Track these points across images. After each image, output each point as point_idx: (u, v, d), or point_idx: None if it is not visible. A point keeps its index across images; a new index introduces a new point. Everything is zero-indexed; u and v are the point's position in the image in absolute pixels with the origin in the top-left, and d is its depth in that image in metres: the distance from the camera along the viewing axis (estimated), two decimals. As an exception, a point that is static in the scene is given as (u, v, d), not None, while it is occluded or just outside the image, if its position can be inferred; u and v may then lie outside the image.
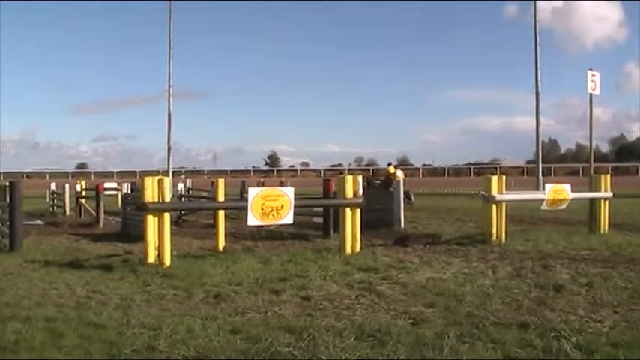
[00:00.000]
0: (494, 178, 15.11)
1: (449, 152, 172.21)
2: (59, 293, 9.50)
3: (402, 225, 19.18)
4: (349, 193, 13.56)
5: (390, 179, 30.73)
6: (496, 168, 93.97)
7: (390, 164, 34.52)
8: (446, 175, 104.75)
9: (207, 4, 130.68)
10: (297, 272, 10.78)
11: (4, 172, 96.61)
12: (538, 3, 42.38)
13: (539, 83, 40.65)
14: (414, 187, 37.30)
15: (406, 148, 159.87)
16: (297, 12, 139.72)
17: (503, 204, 15.16)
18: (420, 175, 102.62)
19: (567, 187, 16.30)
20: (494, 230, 14.83)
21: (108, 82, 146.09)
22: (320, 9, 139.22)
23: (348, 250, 13.21)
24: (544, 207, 16.00)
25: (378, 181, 33.60)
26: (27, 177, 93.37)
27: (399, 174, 31.16)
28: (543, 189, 17.36)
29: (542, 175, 41.20)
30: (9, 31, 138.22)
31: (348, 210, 13.52)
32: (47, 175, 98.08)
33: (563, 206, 16.28)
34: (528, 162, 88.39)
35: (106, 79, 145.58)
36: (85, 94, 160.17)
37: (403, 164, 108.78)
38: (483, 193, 15.27)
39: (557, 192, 16.05)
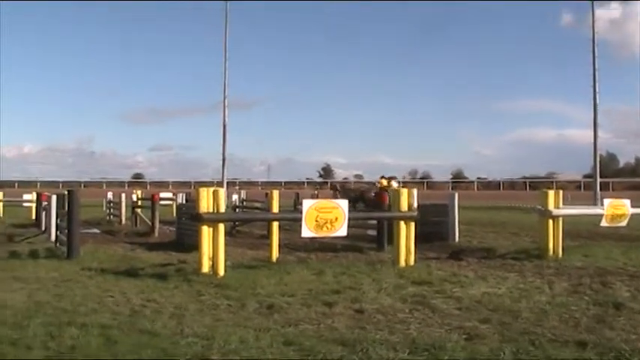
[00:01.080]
0: (551, 193, 14.91)
1: (503, 165, 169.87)
2: (114, 301, 9.62)
3: (457, 238, 19.05)
4: (404, 206, 13.50)
5: (381, 193, 30.63)
6: (552, 182, 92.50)
7: (382, 177, 34.40)
8: (500, 188, 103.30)
9: (262, 15, 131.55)
10: (351, 285, 10.73)
11: (62, 181, 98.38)
12: (596, 12, 41.66)
13: (597, 95, 40.03)
14: (468, 200, 36.94)
15: (460, 160, 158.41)
16: (351, 25, 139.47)
17: (560, 218, 14.94)
18: (475, 189, 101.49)
19: (627, 202, 15.98)
20: (550, 245, 14.62)
21: (164, 93, 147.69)
22: (373, 24, 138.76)
23: (402, 263, 13.14)
24: (604, 223, 15.70)
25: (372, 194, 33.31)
26: (84, 186, 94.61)
27: (395, 184, 31.01)
28: (602, 204, 17.03)
29: (600, 189, 40.50)
30: (67, 41, 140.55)
31: (402, 223, 13.46)
32: (104, 185, 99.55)
33: (624, 222, 15.96)
34: (585, 176, 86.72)
35: (162, 89, 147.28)
36: (142, 104, 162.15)
37: (457, 177, 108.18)
38: (539, 207, 15.07)
39: (617, 207, 15.75)
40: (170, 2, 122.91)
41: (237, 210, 27.05)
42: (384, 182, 32.66)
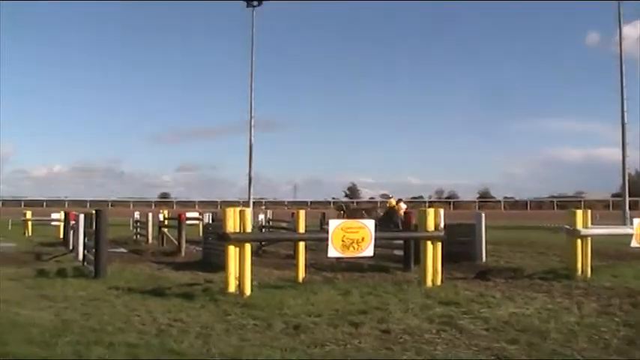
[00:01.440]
0: (579, 212, 14.79)
1: (530, 184, 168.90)
2: (141, 320, 9.66)
3: (484, 258, 18.92)
4: (430, 226, 13.45)
5: (391, 212, 30.60)
6: (580, 201, 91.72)
7: (391, 197, 34.57)
8: (528, 207, 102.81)
9: (290, 37, 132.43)
10: (377, 305, 10.69)
11: (91, 200, 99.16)
12: (623, 30, 41.46)
13: (625, 113, 39.76)
14: (495, 219, 36.64)
15: (487, 179, 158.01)
16: (379, 47, 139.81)
17: (589, 238, 14.81)
18: (502, 208, 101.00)
19: (657, 221, 15.77)
20: (579, 265, 14.50)
21: (191, 113, 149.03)
22: (400, 46, 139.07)
23: (429, 283, 13.08)
24: (634, 243, 15.51)
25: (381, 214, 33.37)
26: (112, 205, 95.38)
27: (403, 206, 31.00)
28: (631, 223, 16.82)
29: (629, 208, 40.12)
30: (98, 67, 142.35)
31: (429, 242, 13.41)
32: (131, 204, 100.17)
33: (654, 242, 15.73)
34: (614, 195, 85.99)
35: (189, 109, 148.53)
36: (169, 124, 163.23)
37: (484, 197, 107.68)
38: (567, 227, 14.95)
39: (647, 227, 15.55)
40: (196, 25, 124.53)
41: (263, 230, 27.12)
42: (393, 202, 32.77)
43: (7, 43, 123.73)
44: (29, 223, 39.00)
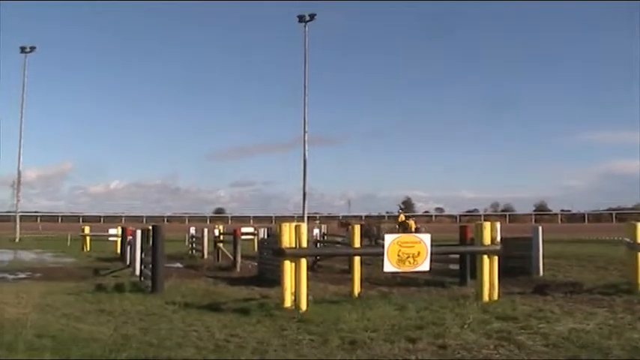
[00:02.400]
0: (640, 225, 14.49)
1: (588, 197, 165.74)
2: (198, 335, 9.73)
3: (541, 272, 18.66)
4: (487, 240, 13.32)
5: (403, 226, 30.55)
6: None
7: (400, 212, 35.01)
8: (585, 220, 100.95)
9: (342, 53, 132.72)
10: (434, 320, 10.61)
11: (147, 216, 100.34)
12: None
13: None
14: (552, 233, 36.09)
15: (543, 192, 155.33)
16: (435, 64, 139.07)
17: (651, 251, 14.49)
18: (559, 221, 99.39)
19: None
20: (640, 280, 14.19)
21: (245, 129, 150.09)
22: (452, 61, 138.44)
23: (486, 297, 12.94)
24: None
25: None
26: (167, 221, 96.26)
27: (412, 222, 31.15)
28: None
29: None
30: (153, 82, 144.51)
31: (485, 257, 13.28)
32: (186, 219, 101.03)
33: None
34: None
35: (243, 126, 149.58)
36: (224, 141, 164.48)
37: (540, 210, 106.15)
38: (628, 240, 14.67)
39: None
40: (251, 42, 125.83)
41: (318, 244, 27.11)
42: (403, 217, 32.99)
43: (66, 62, 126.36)
44: (87, 238, 39.55)
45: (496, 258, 13.43)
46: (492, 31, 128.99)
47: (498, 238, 13.56)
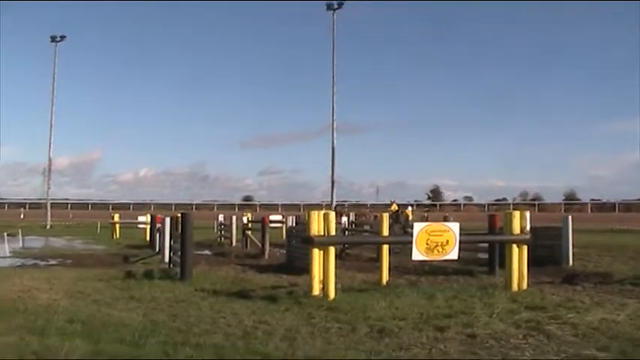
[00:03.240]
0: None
1: (618, 187, 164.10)
2: (227, 322, 9.77)
3: (570, 262, 18.52)
4: (516, 229, 13.24)
5: (395, 215, 30.57)
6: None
7: (392, 202, 35.02)
8: (616, 210, 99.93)
9: (368, 39, 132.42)
10: (462, 309, 10.57)
11: (176, 204, 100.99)
12: None
13: None
14: (582, 222, 35.81)
15: (572, 182, 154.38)
16: (465, 51, 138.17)
17: (682, 242, 14.34)
18: (589, 210, 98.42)
19: None
20: (672, 270, 14.04)
21: (273, 118, 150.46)
22: (482, 49, 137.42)
23: (515, 287, 12.88)
24: None
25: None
26: (196, 208, 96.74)
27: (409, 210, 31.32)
28: None
29: None
30: (182, 71, 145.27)
31: (514, 246, 13.20)
32: (215, 207, 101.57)
33: None
34: None
35: (271, 114, 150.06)
36: (252, 129, 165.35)
37: (570, 199, 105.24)
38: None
39: None
40: (279, 31, 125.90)
41: (346, 233, 27.12)
42: (395, 207, 33.01)
43: (97, 54, 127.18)
44: (117, 226, 39.90)
45: (525, 247, 13.35)
46: (519, 22, 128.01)
47: (528, 228, 13.46)
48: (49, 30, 71.90)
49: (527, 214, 13.70)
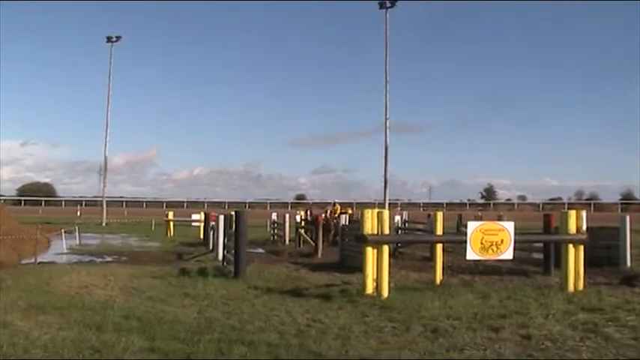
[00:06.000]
0: None
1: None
2: (280, 320, 9.81)
3: (628, 263, 18.16)
4: (572, 229, 13.05)
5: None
6: None
7: (334, 201, 34.96)
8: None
9: (422, 38, 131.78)
10: (517, 309, 10.46)
11: (229, 202, 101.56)
12: None
13: None
14: (637, 222, 34.99)
15: (630, 181, 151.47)
16: (519, 51, 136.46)
17: None
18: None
19: None
20: None
21: (326, 117, 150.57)
22: (543, 49, 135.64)
23: (571, 288, 12.70)
24: None
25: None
26: (249, 207, 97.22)
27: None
28: None
29: None
30: (238, 72, 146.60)
31: (570, 246, 13.01)
32: (268, 205, 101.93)
33: None
34: None
35: (324, 114, 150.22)
36: (305, 128, 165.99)
37: (627, 198, 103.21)
38: None
39: None
40: (333, 31, 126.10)
41: (399, 231, 27.03)
42: (339, 208, 32.55)
43: (155, 54, 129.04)
44: (171, 223, 40.21)
45: (582, 247, 13.15)
46: (574, 18, 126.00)
47: (584, 227, 13.25)
48: (106, 31, 72.72)
49: (584, 213, 13.49)
